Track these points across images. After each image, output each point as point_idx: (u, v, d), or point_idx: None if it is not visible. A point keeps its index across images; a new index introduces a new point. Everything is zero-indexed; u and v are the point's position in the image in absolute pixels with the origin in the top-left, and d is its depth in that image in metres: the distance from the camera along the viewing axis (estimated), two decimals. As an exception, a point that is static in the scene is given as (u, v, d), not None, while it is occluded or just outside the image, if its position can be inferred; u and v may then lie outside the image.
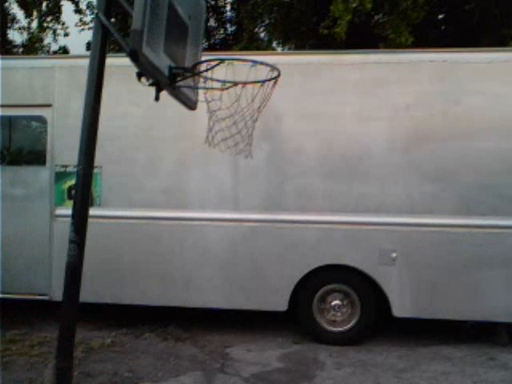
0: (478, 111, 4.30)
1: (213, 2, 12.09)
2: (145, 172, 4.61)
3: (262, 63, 2.89)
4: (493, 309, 4.29)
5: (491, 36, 8.68)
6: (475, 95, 4.31)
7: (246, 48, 9.21)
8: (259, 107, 3.07)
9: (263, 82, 2.95)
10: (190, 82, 3.10)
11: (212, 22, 12.35)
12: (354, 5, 7.21)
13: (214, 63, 2.88)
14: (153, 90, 2.89)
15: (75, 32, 11.62)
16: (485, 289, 4.28)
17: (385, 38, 8.02)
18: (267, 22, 9.99)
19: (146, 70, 2.62)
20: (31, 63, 4.93)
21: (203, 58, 3.17)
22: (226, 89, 2.92)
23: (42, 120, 4.82)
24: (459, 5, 9.43)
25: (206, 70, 2.91)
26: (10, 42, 12.89)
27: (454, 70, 4.36)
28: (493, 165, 4.28)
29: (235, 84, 2.90)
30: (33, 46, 12.18)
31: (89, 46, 10.79)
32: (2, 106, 4.68)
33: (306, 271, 4.45)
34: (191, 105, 3.37)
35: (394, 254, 4.33)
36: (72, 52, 12.69)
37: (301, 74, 4.45)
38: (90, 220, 2.92)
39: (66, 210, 4.24)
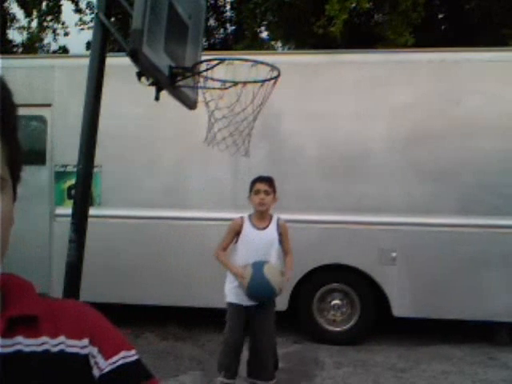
0: (477, 111, 4.31)
1: (213, 2, 12.09)
2: (145, 172, 4.61)
3: (262, 63, 2.89)
4: (493, 308, 4.30)
5: (491, 36, 8.67)
6: (475, 95, 4.31)
7: (249, 47, 9.20)
8: (259, 107, 3.07)
9: (263, 81, 2.95)
10: (189, 81, 3.10)
11: (212, 22, 12.35)
12: (353, 5, 7.18)
13: (213, 63, 2.87)
14: (153, 89, 2.89)
15: (75, 32, 11.65)
16: (485, 288, 4.29)
17: (385, 37, 8.01)
18: (269, 21, 9.96)
19: (146, 69, 2.62)
20: (31, 63, 4.94)
21: (203, 58, 3.16)
22: (226, 88, 2.91)
23: (41, 120, 4.82)
24: (459, 4, 9.43)
25: (206, 70, 2.91)
26: (10, 42, 12.87)
27: (454, 70, 4.37)
28: (492, 164, 4.28)
29: (235, 84, 2.90)
30: (32, 46, 12.17)
31: (89, 45, 10.80)
32: (2, 105, 4.67)
33: (305, 271, 4.44)
34: (191, 104, 3.36)
35: (394, 254, 4.34)
36: (72, 52, 12.70)
37: (301, 73, 4.45)
38: (89, 220, 2.92)
39: (66, 209, 4.22)
